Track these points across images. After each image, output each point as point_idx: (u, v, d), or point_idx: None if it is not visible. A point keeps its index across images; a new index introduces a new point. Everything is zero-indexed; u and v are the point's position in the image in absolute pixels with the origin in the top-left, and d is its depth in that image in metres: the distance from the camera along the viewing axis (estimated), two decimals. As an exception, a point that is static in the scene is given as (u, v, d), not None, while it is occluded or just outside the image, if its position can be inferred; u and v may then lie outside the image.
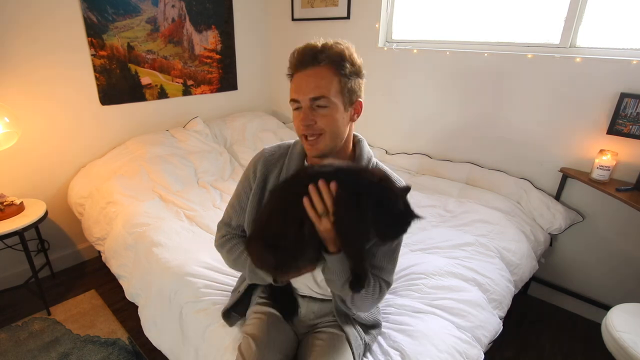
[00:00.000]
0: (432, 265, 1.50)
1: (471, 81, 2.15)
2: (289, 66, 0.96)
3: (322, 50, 0.92)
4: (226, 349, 1.15)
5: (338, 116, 0.94)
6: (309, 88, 0.92)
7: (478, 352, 1.21)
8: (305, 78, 0.92)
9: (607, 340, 1.39)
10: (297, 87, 0.93)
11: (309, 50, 0.92)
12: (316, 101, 0.92)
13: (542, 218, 1.96)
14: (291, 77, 0.97)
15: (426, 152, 2.46)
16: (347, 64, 0.93)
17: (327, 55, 0.91)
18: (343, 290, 0.95)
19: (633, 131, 1.70)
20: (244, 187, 1.11)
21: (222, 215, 1.18)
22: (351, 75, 0.94)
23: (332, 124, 0.94)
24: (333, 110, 0.93)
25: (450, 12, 2.23)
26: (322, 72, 0.92)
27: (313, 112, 0.93)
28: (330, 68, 0.92)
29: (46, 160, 2.16)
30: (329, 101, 0.92)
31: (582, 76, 1.80)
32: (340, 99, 0.94)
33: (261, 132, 2.83)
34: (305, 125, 0.93)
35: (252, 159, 1.11)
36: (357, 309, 1.04)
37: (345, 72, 0.93)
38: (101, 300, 2.09)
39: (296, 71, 0.94)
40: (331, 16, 2.61)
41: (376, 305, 1.04)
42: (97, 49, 2.19)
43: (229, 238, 1.13)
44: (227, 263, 1.16)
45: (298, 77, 0.94)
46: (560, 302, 2.15)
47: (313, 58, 0.91)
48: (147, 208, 1.93)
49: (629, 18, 1.72)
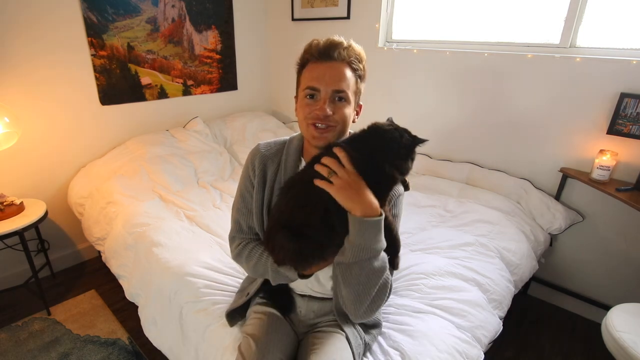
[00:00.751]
0: (432, 265, 1.50)
1: (471, 81, 2.15)
2: (304, 55, 0.98)
3: (347, 48, 0.95)
4: (226, 349, 1.15)
5: (350, 113, 0.98)
6: (333, 80, 0.93)
7: (478, 352, 1.21)
8: (330, 70, 0.94)
9: (607, 340, 1.39)
10: (320, 76, 0.94)
11: (336, 44, 0.94)
12: (337, 93, 0.95)
13: (542, 218, 1.96)
14: (303, 66, 0.98)
15: (426, 152, 2.46)
16: (362, 65, 0.98)
17: (350, 54, 0.95)
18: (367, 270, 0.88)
19: (633, 131, 1.70)
20: (246, 186, 1.10)
21: (230, 226, 1.16)
22: (361, 78, 1.00)
23: (346, 119, 0.97)
24: (348, 105, 0.97)
25: (450, 12, 2.23)
26: (344, 68, 0.95)
27: (332, 104, 0.95)
28: (349, 66, 0.96)
29: (46, 160, 2.16)
30: (347, 96, 0.96)
31: (582, 76, 1.80)
32: (353, 98, 0.98)
33: (261, 132, 2.83)
34: (322, 115, 0.94)
35: (248, 156, 1.12)
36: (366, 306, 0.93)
37: (360, 73, 0.98)
38: (101, 300, 2.09)
39: (317, 61, 0.95)
40: (331, 16, 2.61)
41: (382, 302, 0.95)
42: (97, 49, 2.19)
43: (244, 244, 1.11)
44: (247, 271, 1.14)
45: (320, 67, 0.95)
46: (560, 302, 2.15)
47: (339, 54, 0.94)
48: (147, 208, 1.93)
49: (629, 18, 1.72)
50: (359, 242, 0.86)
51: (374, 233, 0.86)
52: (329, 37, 0.96)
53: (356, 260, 0.87)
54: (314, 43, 0.96)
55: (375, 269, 0.89)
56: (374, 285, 0.90)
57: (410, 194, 2.16)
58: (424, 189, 2.24)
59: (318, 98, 0.95)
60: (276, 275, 1.05)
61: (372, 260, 0.88)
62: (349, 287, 0.91)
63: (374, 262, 0.88)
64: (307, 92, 0.96)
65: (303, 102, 0.98)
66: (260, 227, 1.09)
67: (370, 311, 0.95)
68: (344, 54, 0.94)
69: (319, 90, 0.94)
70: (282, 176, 1.06)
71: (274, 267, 1.03)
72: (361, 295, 0.91)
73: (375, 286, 0.91)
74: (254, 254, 1.08)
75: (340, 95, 0.95)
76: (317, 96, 0.95)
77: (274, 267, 1.03)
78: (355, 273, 0.88)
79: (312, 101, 0.96)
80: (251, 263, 1.09)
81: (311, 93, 0.96)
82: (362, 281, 0.89)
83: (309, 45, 0.97)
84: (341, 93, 0.94)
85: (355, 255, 0.87)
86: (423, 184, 2.28)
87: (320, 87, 0.94)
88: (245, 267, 1.13)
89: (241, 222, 1.12)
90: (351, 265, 0.88)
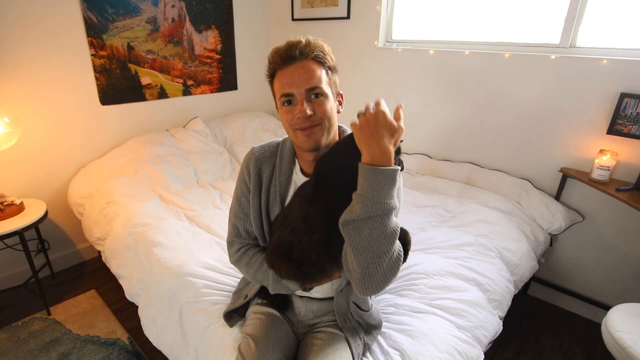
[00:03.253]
0: (432, 265, 1.50)
1: (471, 81, 2.15)
2: (270, 65, 0.97)
3: (306, 45, 0.94)
4: (226, 349, 1.15)
5: (331, 105, 0.97)
6: (302, 80, 0.92)
7: (478, 352, 1.21)
8: (296, 71, 0.93)
9: (607, 340, 1.39)
10: (290, 81, 0.93)
11: (295, 46, 0.93)
12: (312, 91, 0.93)
13: (542, 218, 1.96)
14: (273, 77, 0.98)
15: (426, 152, 2.46)
16: (328, 57, 0.97)
17: (312, 49, 0.94)
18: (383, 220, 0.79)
19: (633, 131, 1.70)
20: (242, 191, 1.10)
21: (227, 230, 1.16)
22: (332, 69, 0.99)
23: (328, 112, 0.96)
24: (326, 99, 0.96)
25: (451, 12, 2.23)
26: (311, 65, 0.94)
27: (310, 103, 0.94)
28: (315, 61, 0.95)
29: (46, 160, 2.16)
30: (322, 91, 0.94)
31: (582, 76, 1.80)
32: (330, 90, 0.97)
33: (261, 132, 2.83)
34: (303, 117, 0.93)
35: (243, 160, 1.11)
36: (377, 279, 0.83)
37: (329, 65, 0.97)
38: (101, 300, 2.09)
39: (282, 67, 0.94)
40: (331, 16, 2.61)
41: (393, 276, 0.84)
42: (97, 49, 2.19)
43: (244, 251, 1.12)
44: (246, 276, 1.15)
45: (287, 72, 0.94)
46: (560, 302, 2.15)
47: (300, 52, 0.93)
48: (147, 208, 1.93)
49: (629, 18, 1.72)
50: (370, 194, 0.77)
51: (387, 185, 0.78)
52: (288, 41, 0.95)
53: (367, 215, 0.77)
54: (274, 51, 0.96)
55: (387, 231, 0.79)
56: (386, 253, 0.80)
57: (410, 194, 2.16)
58: (424, 189, 2.24)
59: (295, 102, 0.94)
60: (277, 285, 1.06)
61: (384, 219, 0.78)
62: (358, 255, 0.81)
63: (387, 221, 0.79)
64: (283, 99, 0.95)
65: (282, 110, 0.97)
66: (258, 231, 1.09)
67: (380, 286, 0.84)
68: (306, 51, 0.93)
69: (292, 94, 0.93)
70: (277, 179, 1.06)
71: (275, 277, 1.04)
72: (371, 266, 0.81)
73: (387, 254, 0.81)
74: (254, 262, 1.09)
75: (315, 92, 0.93)
76: (293, 101, 0.94)
77: (276, 278, 1.04)
78: (365, 236, 0.79)
79: (290, 107, 0.95)
80: (251, 270, 1.10)
81: (287, 100, 0.95)
82: (372, 246, 0.79)
83: (271, 55, 0.96)
84: (315, 90, 0.93)
85: (366, 210, 0.77)
86: (423, 184, 2.28)
87: (293, 90, 0.93)
88: (245, 273, 1.14)
89: (239, 226, 1.12)
90: (361, 223, 0.78)
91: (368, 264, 0.81)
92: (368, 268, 0.81)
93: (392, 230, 0.80)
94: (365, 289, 0.84)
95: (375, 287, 0.84)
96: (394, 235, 0.81)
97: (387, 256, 0.81)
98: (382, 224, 0.79)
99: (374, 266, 0.81)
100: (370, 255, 0.80)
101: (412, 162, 2.46)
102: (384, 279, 0.83)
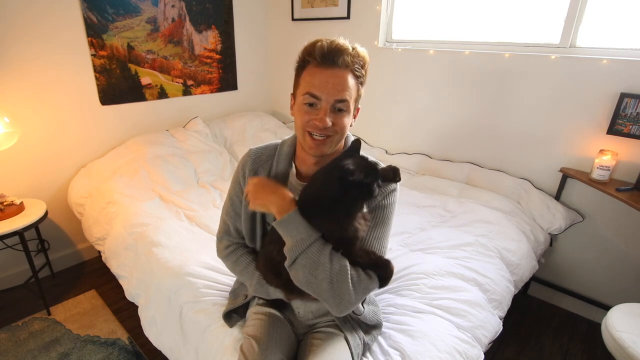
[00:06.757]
0: (432, 265, 1.50)
1: (471, 81, 2.15)
2: (305, 56, 0.92)
3: (352, 55, 0.90)
4: (226, 349, 1.15)
5: (349, 120, 0.96)
6: (335, 90, 0.89)
7: (478, 352, 1.21)
8: (332, 79, 0.89)
9: (607, 340, 1.39)
10: (322, 84, 0.89)
11: (341, 50, 0.89)
12: (339, 104, 0.91)
13: (542, 218, 1.96)
14: (303, 67, 0.93)
15: (426, 152, 2.46)
16: (364, 71, 0.94)
17: (355, 60, 0.91)
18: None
19: (633, 131, 1.70)
20: (236, 191, 1.10)
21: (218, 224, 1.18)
22: (363, 84, 0.96)
23: (344, 128, 0.95)
24: (347, 114, 0.94)
25: (450, 12, 2.23)
26: (348, 76, 0.91)
27: (332, 114, 0.92)
28: (353, 73, 0.92)
29: (46, 160, 2.16)
30: (347, 106, 0.92)
31: (582, 76, 1.80)
32: (353, 105, 0.95)
33: (261, 132, 2.83)
34: (322, 126, 0.91)
35: (240, 161, 1.11)
36: (336, 300, 0.89)
37: (362, 80, 0.95)
38: (101, 300, 2.09)
39: (319, 65, 0.89)
40: (331, 16, 2.61)
41: (349, 289, 0.87)
42: (97, 49, 2.19)
43: (233, 249, 1.14)
44: (231, 272, 1.18)
45: (323, 74, 0.89)
46: (560, 302, 2.15)
47: (343, 59, 0.89)
48: (147, 208, 1.93)
49: (629, 18, 1.72)
50: (289, 242, 0.88)
51: (295, 227, 0.87)
52: (334, 40, 0.90)
53: (293, 259, 0.88)
54: (317, 45, 0.89)
55: (311, 260, 0.86)
56: (325, 279, 0.86)
57: (410, 194, 2.16)
58: (424, 189, 2.24)
59: (318, 107, 0.91)
60: (259, 288, 1.08)
61: (307, 252, 0.86)
62: (308, 288, 0.89)
63: (308, 253, 0.86)
64: (306, 98, 0.91)
65: (302, 108, 0.93)
66: (248, 232, 1.10)
67: (345, 303, 0.88)
68: (348, 60, 0.89)
69: (319, 98, 0.90)
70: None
71: (260, 281, 1.06)
72: (321, 293, 0.87)
73: (326, 280, 0.86)
74: (241, 262, 1.11)
75: (341, 106, 0.91)
76: (317, 105, 0.91)
77: (259, 281, 1.07)
78: (302, 275, 0.88)
79: (311, 109, 0.92)
80: (237, 269, 1.13)
81: (311, 101, 0.91)
82: (310, 278, 0.87)
83: (312, 46, 0.90)
84: (343, 103, 0.91)
85: (291, 256, 0.87)
86: (423, 184, 2.28)
87: (322, 95, 0.89)
88: (230, 269, 1.17)
89: (229, 224, 1.13)
90: (295, 266, 0.88)
91: (319, 292, 0.88)
92: (320, 294, 0.88)
93: (314, 256, 0.86)
94: (335, 311, 0.90)
95: (341, 306, 0.89)
96: (326, 257, 0.86)
97: (326, 279, 0.86)
98: (306, 257, 0.87)
99: (321, 292, 0.88)
100: (315, 285, 0.87)
101: (412, 162, 2.46)
102: (343, 296, 0.87)
